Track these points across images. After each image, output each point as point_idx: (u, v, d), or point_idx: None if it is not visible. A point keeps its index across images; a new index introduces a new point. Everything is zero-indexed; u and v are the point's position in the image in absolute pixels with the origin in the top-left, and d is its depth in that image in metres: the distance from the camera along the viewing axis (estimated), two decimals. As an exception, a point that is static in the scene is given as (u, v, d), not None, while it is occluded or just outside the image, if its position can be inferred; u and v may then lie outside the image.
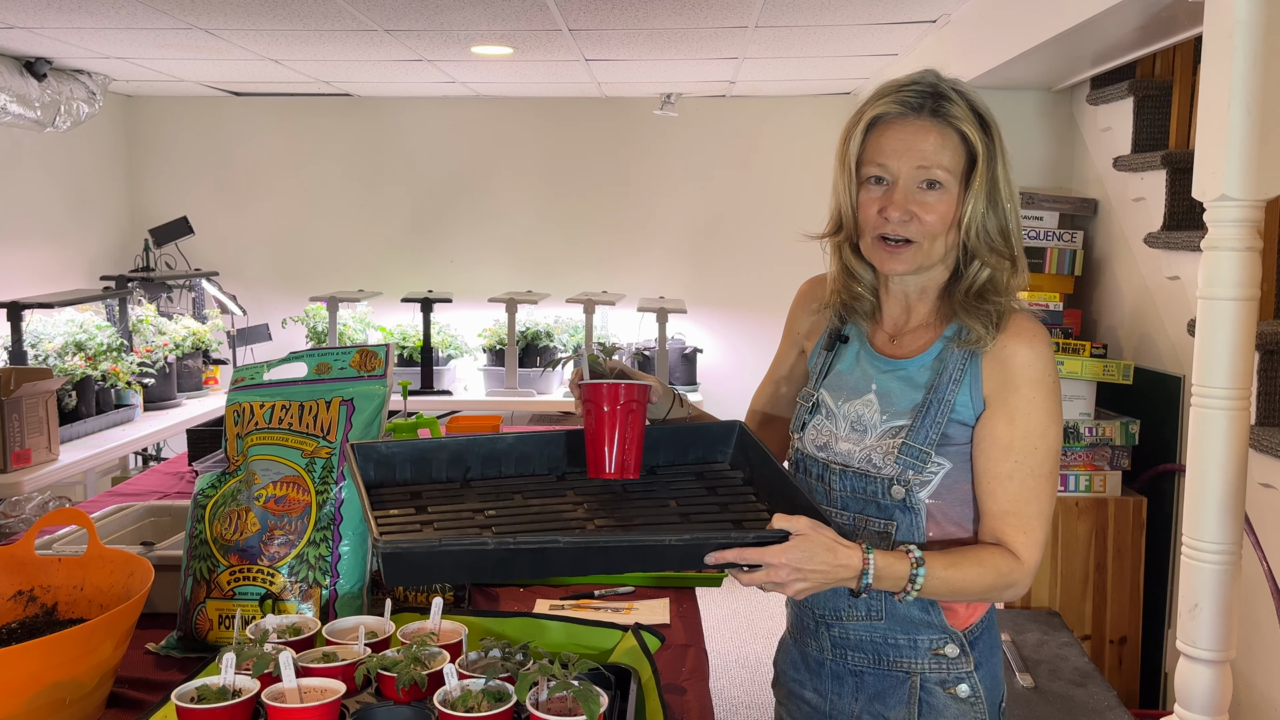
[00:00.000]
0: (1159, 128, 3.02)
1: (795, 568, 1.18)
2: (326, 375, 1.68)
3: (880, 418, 1.35)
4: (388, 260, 5.53)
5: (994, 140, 1.28)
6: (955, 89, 1.29)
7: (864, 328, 1.42)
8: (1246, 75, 1.55)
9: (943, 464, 1.32)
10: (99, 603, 1.50)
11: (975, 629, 1.33)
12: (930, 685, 1.34)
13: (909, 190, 1.27)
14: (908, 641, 1.34)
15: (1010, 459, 1.28)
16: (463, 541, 1.19)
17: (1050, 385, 1.29)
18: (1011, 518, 1.28)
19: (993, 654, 1.37)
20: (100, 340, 3.95)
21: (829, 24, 3.55)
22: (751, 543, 1.19)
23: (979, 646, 1.35)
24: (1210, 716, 1.67)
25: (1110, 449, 2.71)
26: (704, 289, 5.48)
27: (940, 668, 1.34)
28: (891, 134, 1.28)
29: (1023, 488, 1.28)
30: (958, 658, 1.34)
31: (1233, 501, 1.63)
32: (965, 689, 1.34)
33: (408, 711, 1.25)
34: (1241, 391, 1.62)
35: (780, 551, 1.17)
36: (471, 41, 3.87)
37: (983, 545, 1.29)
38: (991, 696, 1.35)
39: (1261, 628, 2.21)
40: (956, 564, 1.25)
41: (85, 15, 3.45)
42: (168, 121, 5.49)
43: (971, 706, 1.33)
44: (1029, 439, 1.28)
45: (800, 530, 1.19)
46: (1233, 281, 1.61)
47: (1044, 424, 1.28)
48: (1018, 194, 1.32)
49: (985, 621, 1.37)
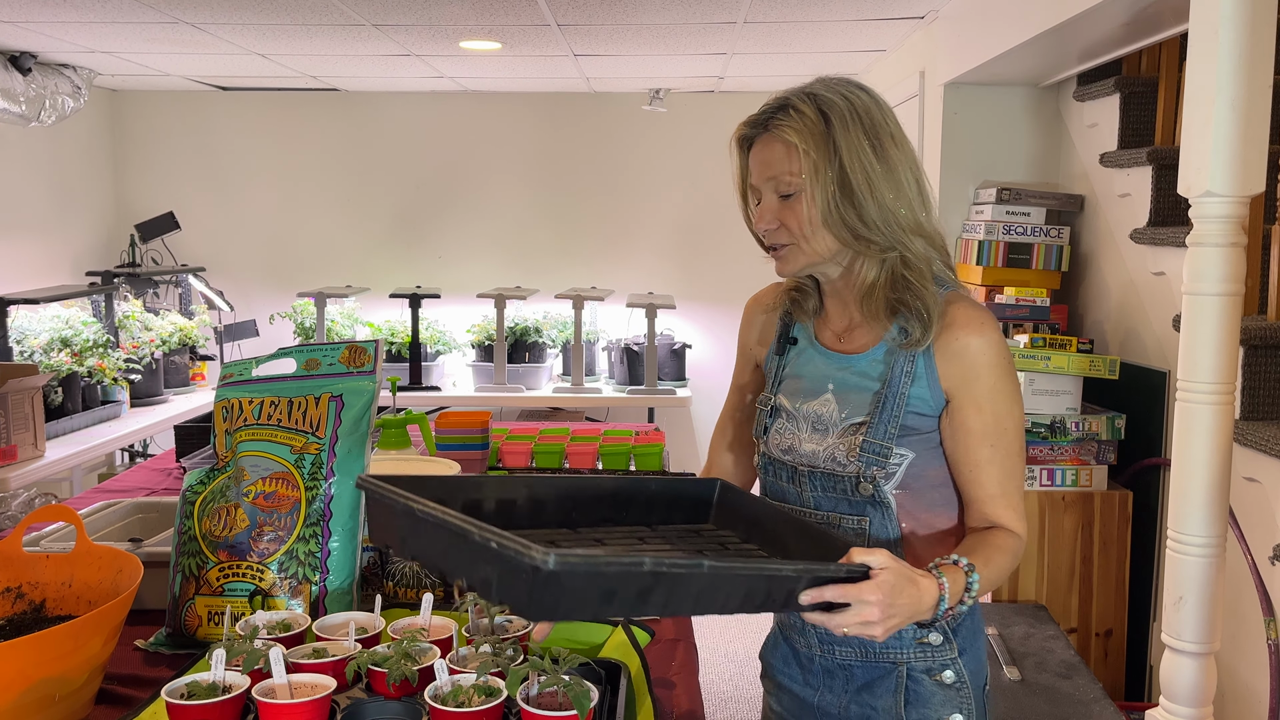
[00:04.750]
0: (1145, 124, 3.04)
1: (885, 605, 1.11)
2: (315, 371, 1.68)
3: (839, 415, 1.37)
4: (376, 256, 5.52)
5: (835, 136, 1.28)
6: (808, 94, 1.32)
7: (810, 326, 1.45)
8: (1231, 72, 1.57)
9: (905, 454, 1.34)
10: (87, 599, 1.50)
11: (958, 616, 1.32)
12: (916, 674, 1.36)
13: (771, 202, 1.34)
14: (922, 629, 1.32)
15: (987, 445, 1.32)
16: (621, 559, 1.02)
17: (1006, 366, 1.32)
18: (1000, 499, 1.32)
19: (975, 639, 1.39)
20: (86, 336, 3.93)
21: (817, 19, 3.55)
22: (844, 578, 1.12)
23: (961, 633, 1.37)
24: (1195, 708, 1.68)
25: (1096, 443, 2.73)
26: (693, 284, 5.48)
27: (925, 656, 1.36)
28: (751, 155, 1.37)
29: (1003, 470, 1.32)
30: (941, 645, 1.36)
31: (1217, 495, 1.65)
32: (950, 675, 1.36)
33: (399, 707, 1.25)
34: (1226, 386, 1.64)
35: (869, 590, 1.11)
36: (460, 36, 3.86)
37: (991, 532, 1.31)
38: (975, 680, 1.37)
39: (1246, 620, 2.23)
40: (990, 559, 1.26)
41: (70, 9, 3.42)
42: (154, 116, 5.46)
43: (957, 692, 1.35)
44: (999, 422, 1.32)
45: (881, 563, 1.13)
46: (1218, 277, 1.62)
47: (1008, 406, 1.32)
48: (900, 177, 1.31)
49: (973, 614, 1.39)
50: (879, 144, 1.30)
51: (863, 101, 1.31)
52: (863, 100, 1.31)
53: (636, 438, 3.04)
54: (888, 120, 1.32)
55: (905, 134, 1.35)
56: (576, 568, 0.98)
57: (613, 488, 1.41)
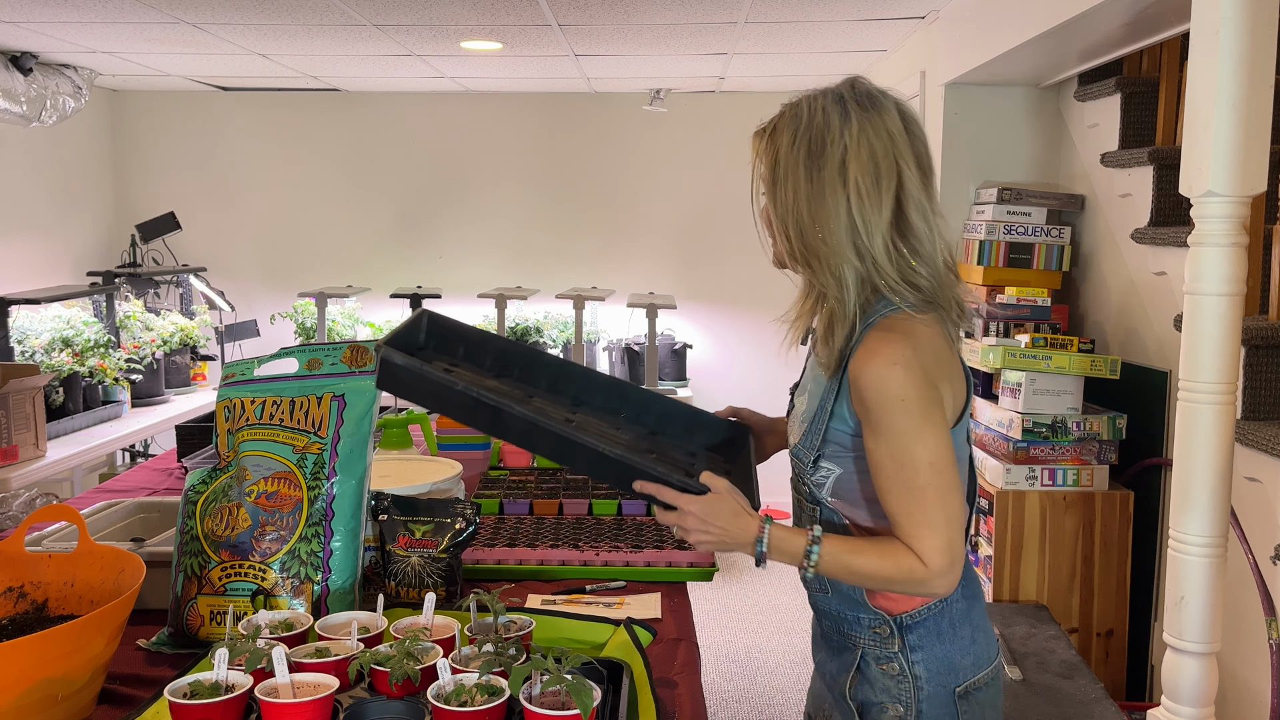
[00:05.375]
0: (1146, 124, 3.04)
1: (700, 519, 1.34)
2: (318, 371, 1.68)
3: (803, 416, 1.44)
4: (376, 256, 5.52)
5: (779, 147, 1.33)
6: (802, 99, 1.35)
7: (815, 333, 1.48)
8: (1233, 72, 1.57)
9: (832, 469, 1.38)
10: (90, 599, 1.50)
11: (914, 615, 1.38)
12: (869, 659, 1.43)
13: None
14: (853, 617, 1.43)
15: (884, 475, 1.31)
16: (438, 375, 1.39)
17: (894, 404, 1.28)
18: (901, 527, 1.31)
19: (940, 641, 1.40)
20: (87, 336, 3.93)
21: (818, 19, 3.56)
22: (675, 485, 1.35)
23: (917, 631, 1.40)
24: (1196, 708, 1.68)
25: (1097, 443, 2.73)
26: (694, 284, 5.48)
27: (876, 644, 1.42)
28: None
29: (900, 501, 1.30)
30: (888, 637, 1.41)
31: (1219, 495, 1.65)
32: (895, 667, 1.41)
33: (401, 706, 1.25)
34: (1228, 386, 1.64)
35: (691, 501, 1.34)
36: (461, 36, 3.86)
37: (895, 543, 1.32)
38: (935, 680, 1.40)
39: (1247, 621, 2.23)
40: (859, 551, 1.32)
41: (71, 9, 3.43)
42: (155, 116, 5.46)
43: (898, 683, 1.40)
44: (895, 457, 1.29)
45: (717, 489, 1.35)
46: (1219, 277, 1.62)
47: (904, 444, 1.28)
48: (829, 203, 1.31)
49: (929, 611, 1.40)
50: (817, 165, 1.30)
51: (826, 120, 1.31)
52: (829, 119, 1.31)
53: (637, 438, 3.04)
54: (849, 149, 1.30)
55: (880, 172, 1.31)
56: (399, 364, 1.39)
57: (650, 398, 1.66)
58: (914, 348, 1.29)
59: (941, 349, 1.33)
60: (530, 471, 2.62)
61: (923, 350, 1.30)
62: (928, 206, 1.36)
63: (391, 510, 1.79)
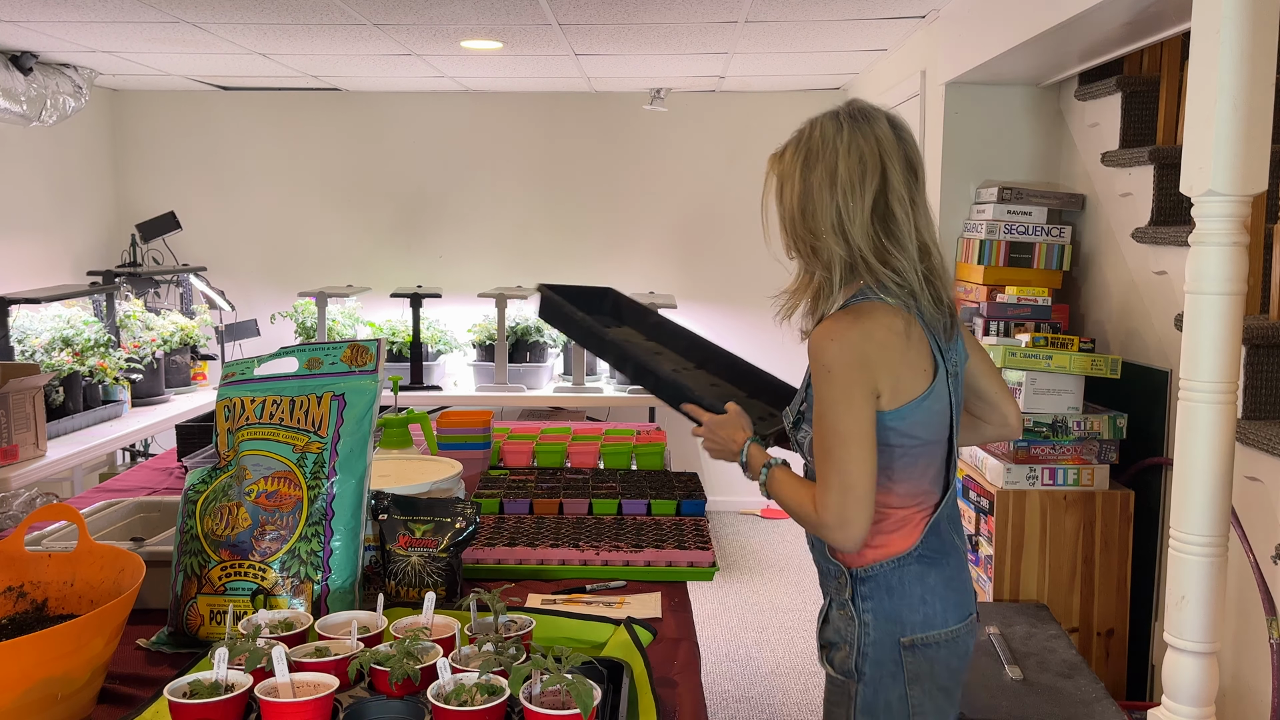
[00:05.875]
0: (1146, 123, 3.04)
1: (710, 430, 1.71)
2: (318, 370, 1.68)
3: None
4: (376, 255, 5.52)
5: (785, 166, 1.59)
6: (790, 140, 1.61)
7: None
8: (1234, 70, 1.56)
9: (808, 430, 1.58)
10: (89, 598, 1.50)
11: (866, 570, 1.59)
12: (833, 605, 1.65)
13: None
14: (825, 569, 1.66)
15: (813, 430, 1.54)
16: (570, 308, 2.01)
17: (823, 373, 1.48)
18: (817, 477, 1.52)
19: (889, 595, 1.59)
20: (87, 336, 3.93)
21: (818, 19, 3.55)
22: (705, 406, 1.75)
23: (868, 584, 1.60)
24: (1197, 707, 1.68)
25: (1098, 443, 2.73)
26: (694, 283, 5.48)
27: (838, 593, 1.63)
28: None
29: (816, 455, 1.52)
30: (845, 586, 1.62)
31: (1220, 495, 1.65)
32: (848, 613, 1.62)
33: (401, 706, 1.25)
34: (1229, 385, 1.63)
35: (710, 417, 1.72)
36: (461, 36, 3.86)
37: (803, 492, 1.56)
38: (884, 628, 1.59)
39: (1248, 620, 2.23)
40: (791, 484, 1.58)
41: (71, 9, 3.43)
42: (155, 116, 5.46)
43: (849, 626, 1.61)
44: (818, 416, 1.51)
45: (730, 411, 1.71)
46: (1220, 276, 1.62)
47: (822, 409, 1.50)
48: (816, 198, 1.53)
49: (880, 569, 1.59)
50: (811, 167, 1.54)
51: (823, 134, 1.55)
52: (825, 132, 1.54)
53: (638, 437, 3.04)
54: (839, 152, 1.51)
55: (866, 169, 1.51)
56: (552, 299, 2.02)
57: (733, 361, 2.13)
58: (860, 331, 1.48)
59: (892, 340, 1.49)
60: (530, 471, 2.62)
61: (869, 335, 1.48)
62: (908, 199, 1.52)
63: (391, 510, 1.79)
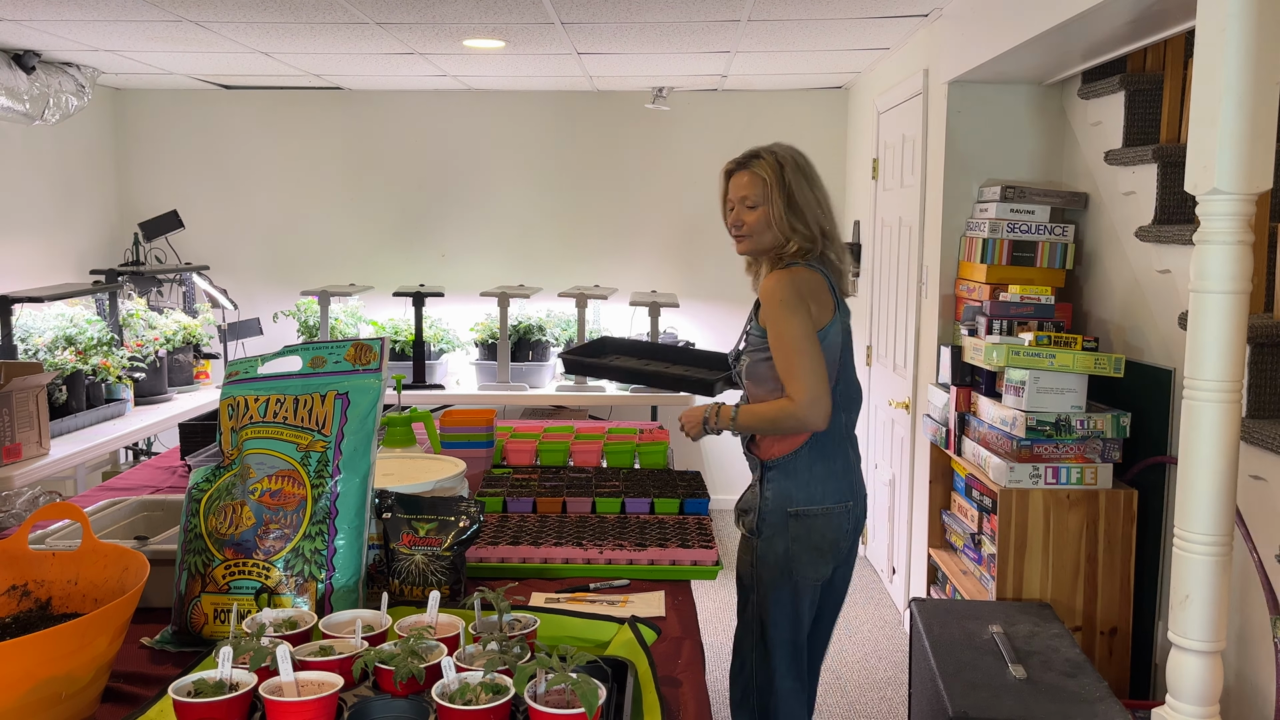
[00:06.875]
0: (1150, 122, 3.03)
1: (684, 415, 2.34)
2: (321, 369, 1.68)
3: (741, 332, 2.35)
4: (379, 254, 5.52)
5: (786, 174, 2.21)
6: (769, 150, 2.24)
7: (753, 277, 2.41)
8: (1238, 69, 1.56)
9: (745, 360, 2.25)
10: (93, 597, 1.50)
11: (771, 462, 2.23)
12: (752, 486, 2.31)
13: (739, 209, 2.26)
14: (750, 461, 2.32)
15: (774, 351, 2.15)
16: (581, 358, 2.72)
17: (777, 302, 2.13)
18: (785, 382, 2.14)
19: (785, 478, 2.22)
20: (90, 334, 3.94)
21: (821, 17, 3.55)
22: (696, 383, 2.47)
23: (772, 471, 2.24)
24: (1201, 707, 1.68)
25: (1101, 441, 2.72)
26: (696, 282, 5.48)
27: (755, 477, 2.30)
28: (731, 181, 2.29)
29: (781, 364, 2.14)
30: (757, 471, 2.29)
31: (1224, 494, 1.64)
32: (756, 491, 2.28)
33: (405, 705, 1.25)
34: (1233, 384, 1.63)
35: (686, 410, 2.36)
36: (463, 35, 3.86)
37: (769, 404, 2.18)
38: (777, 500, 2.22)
39: (1252, 619, 2.23)
40: (754, 412, 2.20)
41: (74, 8, 3.43)
42: (157, 114, 5.46)
43: (754, 499, 2.28)
44: (778, 335, 2.14)
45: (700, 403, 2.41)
46: (1224, 275, 1.62)
47: (780, 327, 2.13)
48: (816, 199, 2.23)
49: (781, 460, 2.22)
50: (810, 181, 2.24)
51: (800, 158, 2.25)
52: (800, 158, 2.25)
53: (640, 436, 3.04)
54: (812, 168, 2.26)
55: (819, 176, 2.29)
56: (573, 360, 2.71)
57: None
58: (791, 278, 2.16)
59: (815, 283, 2.17)
60: (533, 470, 2.62)
61: (798, 281, 2.16)
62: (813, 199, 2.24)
63: (395, 508, 1.79)
